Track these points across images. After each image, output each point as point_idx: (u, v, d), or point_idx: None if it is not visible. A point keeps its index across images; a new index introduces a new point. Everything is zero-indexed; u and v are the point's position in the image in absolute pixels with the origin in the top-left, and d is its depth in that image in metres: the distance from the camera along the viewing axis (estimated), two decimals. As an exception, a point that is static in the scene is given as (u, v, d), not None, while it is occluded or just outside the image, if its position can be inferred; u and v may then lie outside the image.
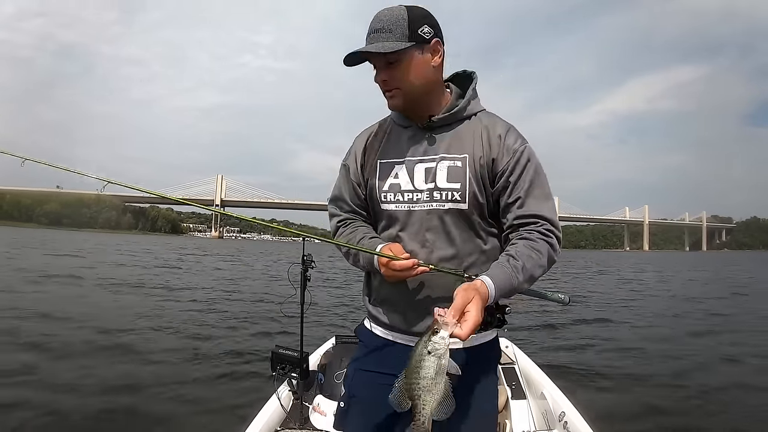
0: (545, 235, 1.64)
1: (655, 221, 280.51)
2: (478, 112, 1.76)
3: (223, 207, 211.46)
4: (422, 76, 1.67)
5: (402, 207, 1.74)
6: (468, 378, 1.66)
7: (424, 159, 1.72)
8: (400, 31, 1.60)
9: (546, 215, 1.65)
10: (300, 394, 3.52)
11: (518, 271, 1.56)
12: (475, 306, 1.39)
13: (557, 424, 3.50)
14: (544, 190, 1.69)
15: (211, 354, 7.14)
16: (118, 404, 5.08)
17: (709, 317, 12.95)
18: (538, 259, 1.60)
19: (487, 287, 1.48)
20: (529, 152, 1.68)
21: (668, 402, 5.88)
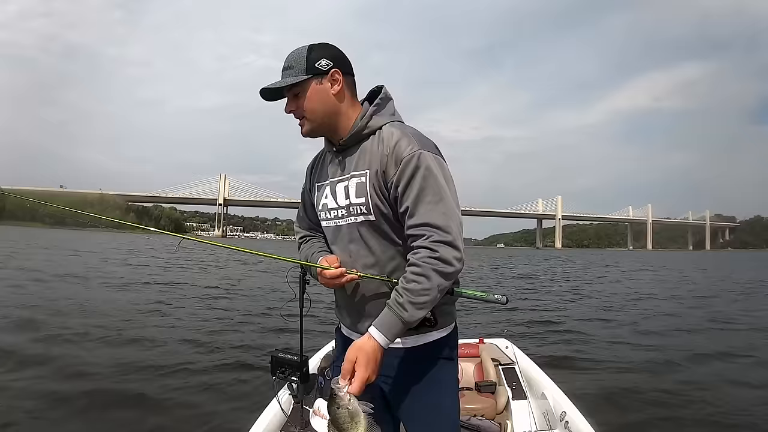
0: (432, 250, 1.71)
1: (658, 220, 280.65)
2: (382, 126, 1.88)
3: (226, 206, 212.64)
4: (322, 103, 1.85)
5: (332, 223, 1.98)
6: (416, 377, 1.92)
7: (342, 179, 1.92)
8: (299, 66, 1.81)
9: (434, 222, 1.72)
10: (300, 398, 3.49)
11: (403, 308, 1.69)
12: (360, 365, 1.65)
13: (558, 424, 3.49)
14: (437, 195, 1.74)
15: (210, 358, 7.10)
16: (116, 407, 5.06)
17: (712, 317, 12.91)
18: (424, 284, 1.69)
19: (374, 338, 1.69)
20: (419, 159, 1.75)
21: (670, 401, 5.88)
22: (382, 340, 1.69)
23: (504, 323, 10.97)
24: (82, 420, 4.78)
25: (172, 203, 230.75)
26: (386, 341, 1.70)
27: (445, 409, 1.97)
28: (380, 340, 1.69)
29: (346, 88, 1.89)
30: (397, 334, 1.71)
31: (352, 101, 1.92)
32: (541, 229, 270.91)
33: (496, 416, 3.74)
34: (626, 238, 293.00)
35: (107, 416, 4.89)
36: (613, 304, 15.42)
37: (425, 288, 1.69)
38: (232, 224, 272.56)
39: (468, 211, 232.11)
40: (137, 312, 10.83)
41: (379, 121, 1.89)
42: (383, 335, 1.69)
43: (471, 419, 3.58)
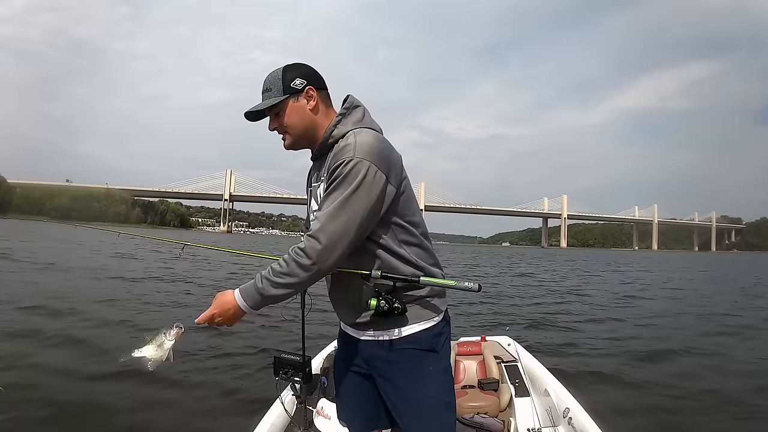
0: (300, 244, 1.90)
1: (664, 221, 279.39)
2: (343, 135, 2.01)
3: (232, 202, 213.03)
4: (300, 119, 2.05)
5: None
6: (400, 368, 2.05)
7: (316, 185, 2.13)
8: (276, 88, 2.02)
9: (319, 225, 1.88)
10: (303, 399, 3.48)
11: (260, 279, 1.91)
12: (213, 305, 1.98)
13: (562, 420, 3.50)
14: (335, 203, 1.88)
15: (212, 358, 7.10)
16: (116, 407, 5.07)
17: (715, 317, 12.94)
18: (282, 267, 1.89)
19: (234, 294, 1.94)
20: (345, 165, 1.88)
21: (673, 398, 5.91)
22: (237, 296, 1.94)
23: (507, 321, 10.97)
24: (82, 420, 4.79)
25: (178, 198, 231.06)
26: (242, 301, 1.93)
27: (430, 399, 2.06)
28: (236, 295, 1.94)
29: (321, 102, 2.09)
30: (252, 300, 1.92)
31: (327, 113, 2.11)
32: (547, 228, 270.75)
33: (500, 413, 3.75)
34: (632, 238, 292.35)
35: (108, 416, 4.89)
36: (617, 302, 15.44)
37: (282, 272, 1.89)
38: (238, 220, 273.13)
39: (473, 209, 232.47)
40: (136, 308, 10.87)
41: (342, 129, 2.04)
42: (240, 294, 1.94)
43: (474, 416, 3.60)
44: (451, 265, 33.79)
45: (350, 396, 2.25)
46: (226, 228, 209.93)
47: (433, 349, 2.07)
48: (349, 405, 2.27)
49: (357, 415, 2.25)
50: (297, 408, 3.57)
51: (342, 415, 2.34)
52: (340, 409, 2.35)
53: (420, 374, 2.04)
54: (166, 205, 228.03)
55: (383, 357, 2.07)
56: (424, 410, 2.04)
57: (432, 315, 2.07)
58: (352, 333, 2.18)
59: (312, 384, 3.60)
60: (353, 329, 2.16)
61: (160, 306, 11.23)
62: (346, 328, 2.22)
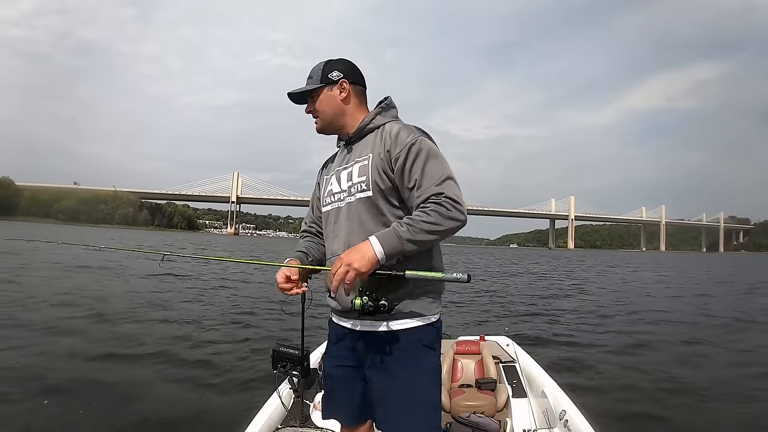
0: (434, 201, 1.94)
1: (671, 221, 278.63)
2: (384, 123, 2.19)
3: (239, 204, 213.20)
4: (330, 106, 2.23)
5: (333, 206, 2.23)
6: (395, 360, 2.06)
7: (346, 166, 2.22)
8: (316, 76, 2.22)
9: (438, 190, 1.95)
10: (301, 392, 3.51)
11: (401, 224, 1.92)
12: (347, 255, 1.90)
13: (558, 422, 3.49)
14: (438, 170, 2.00)
15: (211, 352, 7.12)
16: (115, 400, 5.08)
17: (716, 317, 12.88)
18: (425, 216, 1.91)
19: (370, 242, 1.92)
20: (420, 143, 2.03)
21: (669, 401, 5.86)
22: (375, 244, 1.90)
23: (506, 321, 10.96)
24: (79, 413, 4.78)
25: (185, 200, 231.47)
26: (378, 244, 1.90)
27: (423, 395, 2.07)
28: (374, 243, 1.91)
29: (354, 95, 2.24)
30: (390, 246, 1.90)
31: (359, 106, 2.27)
32: (554, 229, 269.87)
33: (496, 413, 3.74)
34: (639, 239, 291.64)
35: (109, 408, 4.89)
36: (617, 304, 15.32)
37: (427, 221, 1.90)
38: (245, 222, 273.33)
39: (480, 211, 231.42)
40: (137, 304, 10.93)
41: (381, 120, 2.21)
42: (377, 238, 1.92)
43: (471, 416, 3.59)
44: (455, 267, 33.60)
45: (342, 389, 2.24)
46: (233, 230, 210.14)
47: (432, 346, 2.11)
48: (342, 398, 2.25)
49: (349, 408, 2.24)
50: (294, 401, 3.60)
51: (331, 409, 2.32)
52: (331, 405, 2.32)
53: (418, 368, 2.06)
54: (174, 207, 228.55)
55: (382, 347, 2.07)
56: (416, 406, 2.04)
57: (433, 312, 2.10)
58: (347, 324, 2.16)
59: (310, 378, 3.63)
60: (349, 319, 2.14)
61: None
62: (340, 321, 2.21)
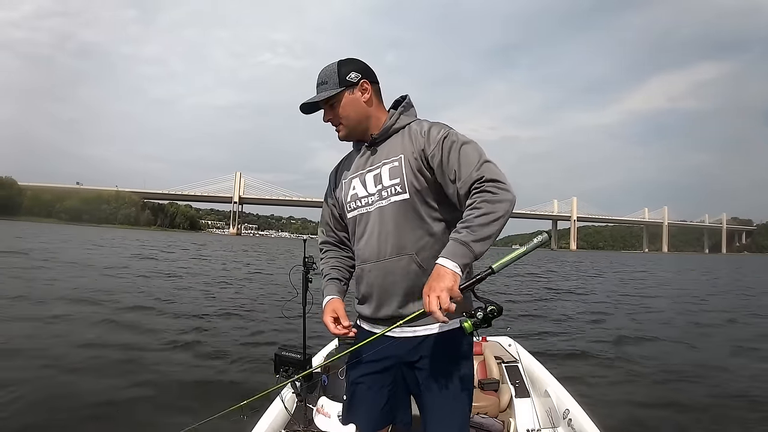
0: (479, 190, 1.84)
1: (674, 222, 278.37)
2: (409, 123, 2.11)
3: (241, 204, 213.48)
4: (355, 110, 2.09)
5: (361, 211, 2.11)
6: (441, 362, 2.02)
7: (371, 168, 2.10)
8: (332, 81, 2.05)
9: (478, 175, 1.86)
10: (303, 396, 3.51)
11: (459, 231, 1.81)
12: (433, 282, 1.74)
13: (561, 421, 3.49)
14: (474, 156, 1.91)
15: (213, 356, 7.12)
16: (115, 403, 5.08)
17: (717, 316, 12.94)
18: (477, 211, 1.81)
19: (437, 264, 1.78)
20: (452, 136, 1.97)
21: (673, 399, 5.87)
22: (444, 261, 1.77)
23: (507, 321, 10.95)
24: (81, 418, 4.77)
25: (188, 201, 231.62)
26: (449, 261, 1.76)
27: (461, 393, 2.05)
28: (443, 262, 1.77)
29: (374, 95, 2.12)
30: (460, 256, 1.77)
31: (379, 106, 2.15)
32: (556, 230, 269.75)
33: (500, 414, 3.74)
34: (642, 240, 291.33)
35: (108, 413, 4.89)
36: (618, 304, 15.34)
37: (482, 213, 1.80)
38: (248, 222, 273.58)
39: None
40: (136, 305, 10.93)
41: (405, 120, 2.12)
42: (444, 257, 1.78)
43: (474, 417, 3.57)
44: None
45: (368, 396, 2.13)
46: (236, 230, 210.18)
47: (471, 344, 2.12)
48: (366, 404, 2.14)
49: (371, 415, 2.14)
50: (297, 406, 3.58)
51: (352, 416, 2.19)
52: (353, 411, 2.19)
53: (461, 369, 2.05)
54: (176, 207, 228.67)
55: (426, 352, 2.03)
56: (458, 408, 2.03)
57: (470, 308, 1.93)
58: (379, 331, 2.02)
59: (312, 382, 3.63)
60: (388, 326, 2.00)
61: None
62: (373, 328, 2.12)
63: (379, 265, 2.04)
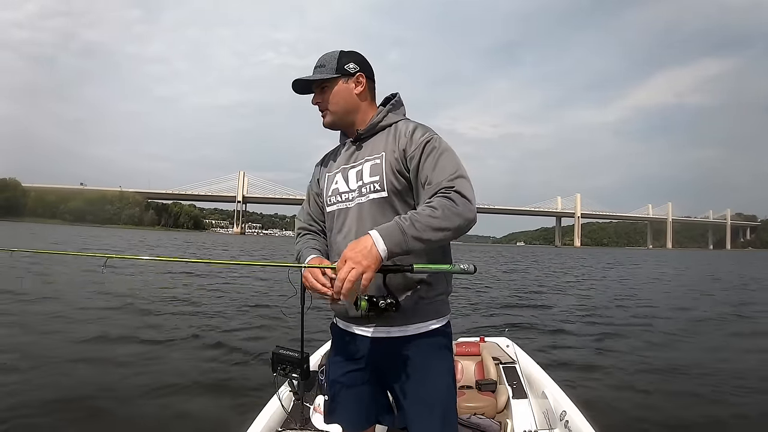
0: (444, 194, 1.83)
1: (678, 219, 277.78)
2: (396, 122, 2.13)
3: (245, 203, 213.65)
4: (345, 100, 2.12)
5: (341, 206, 2.11)
6: (415, 364, 2.02)
7: (354, 164, 2.12)
8: (330, 66, 2.09)
9: (448, 184, 1.86)
10: (301, 395, 3.50)
11: (405, 219, 1.76)
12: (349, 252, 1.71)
13: (558, 423, 3.47)
14: (451, 167, 1.92)
15: (210, 354, 7.12)
16: (113, 403, 5.07)
17: (717, 316, 12.84)
18: (431, 211, 1.77)
19: (370, 235, 1.73)
20: (434, 142, 1.98)
21: (670, 401, 5.85)
22: (376, 236, 1.72)
23: (505, 322, 10.93)
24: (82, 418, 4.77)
25: (192, 200, 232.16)
26: (381, 240, 1.71)
27: (444, 396, 2.06)
28: (376, 238, 1.72)
29: (367, 91, 2.15)
30: (393, 242, 1.72)
31: (370, 103, 2.18)
32: (560, 227, 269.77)
33: (497, 415, 3.73)
34: (646, 236, 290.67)
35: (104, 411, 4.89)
36: (620, 303, 15.25)
37: (434, 216, 1.76)
38: (251, 221, 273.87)
39: (487, 209, 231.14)
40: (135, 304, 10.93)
41: (393, 118, 2.14)
42: (378, 233, 1.73)
43: (471, 417, 3.57)
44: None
45: (348, 395, 2.15)
46: (240, 230, 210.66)
47: (449, 348, 2.12)
48: (347, 404, 2.16)
49: (353, 415, 2.17)
50: (294, 404, 3.58)
51: (335, 416, 2.20)
52: (335, 411, 2.20)
53: (439, 371, 2.06)
54: (180, 207, 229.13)
55: (399, 352, 2.03)
56: (440, 409, 2.03)
57: (446, 313, 2.11)
58: (356, 330, 2.10)
59: (310, 381, 3.62)
60: (362, 325, 2.08)
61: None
62: (348, 326, 2.14)
63: None
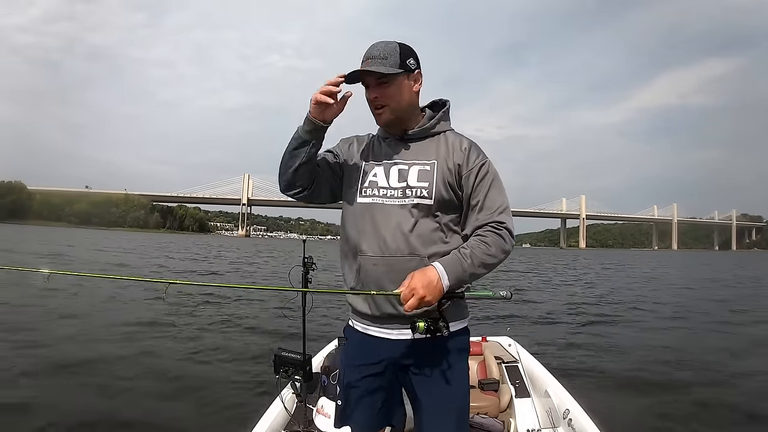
0: (495, 229, 1.96)
1: (683, 220, 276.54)
2: (446, 131, 2.12)
3: (249, 206, 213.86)
4: (405, 98, 2.04)
5: (377, 200, 2.06)
6: (437, 365, 2.05)
7: (398, 163, 2.08)
8: (393, 59, 1.97)
9: (498, 219, 1.99)
10: (303, 397, 3.51)
11: (466, 256, 1.90)
12: (416, 283, 1.80)
13: (562, 421, 3.49)
14: (501, 198, 2.03)
15: (213, 356, 7.17)
16: (117, 406, 5.11)
17: (718, 316, 12.91)
18: (486, 248, 1.93)
19: (436, 269, 1.85)
20: (489, 166, 2.04)
21: (672, 399, 5.89)
22: (441, 272, 1.85)
23: (508, 321, 10.93)
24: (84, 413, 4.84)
25: (196, 203, 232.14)
26: (446, 276, 1.85)
27: (460, 399, 2.10)
28: (441, 272, 1.85)
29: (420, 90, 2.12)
30: (455, 277, 1.87)
31: (418, 101, 2.15)
32: (565, 228, 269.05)
33: (500, 414, 3.74)
34: (651, 238, 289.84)
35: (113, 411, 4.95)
36: (619, 303, 15.31)
37: (488, 252, 1.92)
38: (256, 224, 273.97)
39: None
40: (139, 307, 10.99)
41: (444, 126, 2.14)
42: (444, 269, 1.86)
43: (474, 417, 3.57)
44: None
45: (363, 398, 2.13)
46: (245, 232, 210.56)
47: (467, 349, 2.15)
48: (362, 407, 2.14)
49: (367, 417, 2.15)
50: (297, 406, 3.58)
51: (348, 419, 2.18)
52: (348, 414, 2.18)
53: (458, 372, 2.08)
54: (185, 209, 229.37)
55: (423, 354, 2.04)
56: (455, 409, 2.06)
57: (467, 315, 2.14)
58: (376, 333, 2.09)
59: (312, 383, 3.64)
60: (383, 327, 2.07)
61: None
62: (367, 329, 2.12)
63: (386, 261, 2.00)
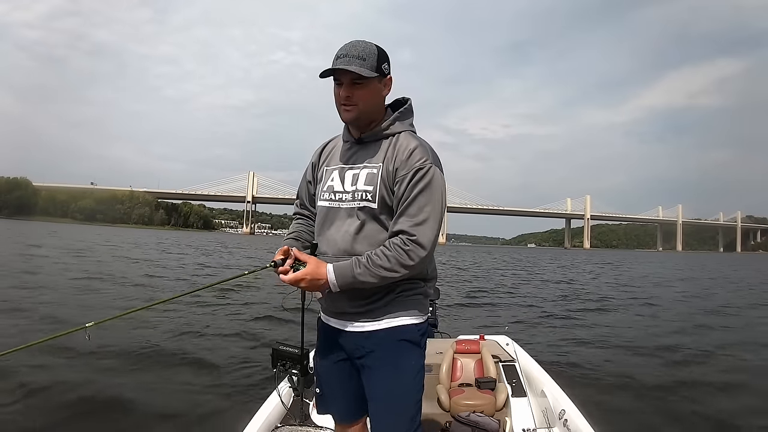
0: (402, 243, 1.98)
1: (688, 221, 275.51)
2: (401, 132, 2.14)
3: (254, 204, 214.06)
4: (375, 101, 2.10)
5: (332, 204, 2.15)
6: (380, 358, 2.10)
7: (353, 166, 2.15)
8: (371, 62, 2.01)
9: (412, 230, 1.98)
10: (300, 391, 3.52)
11: (360, 265, 1.97)
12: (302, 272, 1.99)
13: (557, 421, 3.52)
14: (426, 205, 2.01)
15: (210, 350, 7.17)
16: (114, 398, 5.13)
17: (716, 316, 12.92)
18: (384, 261, 1.96)
19: (326, 269, 1.99)
20: (427, 170, 2.02)
21: (668, 400, 5.89)
22: (330, 272, 1.99)
23: (506, 320, 10.93)
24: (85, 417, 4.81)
25: (201, 200, 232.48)
26: (333, 278, 1.99)
27: (406, 392, 2.11)
28: (329, 271, 1.99)
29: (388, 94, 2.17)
30: (344, 280, 1.98)
31: (384, 105, 2.18)
32: (570, 229, 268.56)
33: (496, 413, 3.74)
34: (656, 239, 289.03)
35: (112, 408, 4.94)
36: (617, 303, 15.32)
37: (383, 266, 1.96)
38: (261, 222, 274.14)
39: (496, 210, 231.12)
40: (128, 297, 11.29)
41: (398, 127, 2.15)
42: (334, 272, 1.99)
43: (470, 415, 3.58)
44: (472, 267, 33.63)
45: (334, 387, 2.27)
46: (249, 230, 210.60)
47: (417, 344, 2.16)
48: (335, 395, 2.29)
49: (342, 406, 2.29)
50: (294, 400, 3.61)
51: (325, 407, 2.37)
52: (324, 402, 2.36)
53: (401, 366, 2.11)
54: (190, 207, 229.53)
55: (368, 345, 2.10)
56: (398, 402, 2.09)
57: (418, 312, 2.15)
58: (336, 324, 2.19)
59: (309, 377, 3.63)
60: (339, 319, 2.17)
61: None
62: (328, 320, 2.23)
63: (335, 261, 2.07)
